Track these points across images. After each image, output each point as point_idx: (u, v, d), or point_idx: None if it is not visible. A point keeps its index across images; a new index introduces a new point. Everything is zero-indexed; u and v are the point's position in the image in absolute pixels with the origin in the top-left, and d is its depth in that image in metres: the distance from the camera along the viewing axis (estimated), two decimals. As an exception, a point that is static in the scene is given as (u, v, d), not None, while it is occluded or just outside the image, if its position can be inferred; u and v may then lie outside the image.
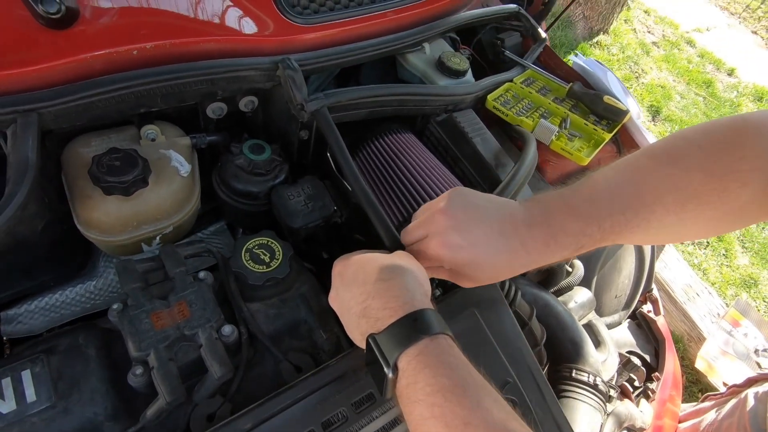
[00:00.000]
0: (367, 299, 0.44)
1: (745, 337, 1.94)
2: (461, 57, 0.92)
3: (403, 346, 0.39)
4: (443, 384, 0.36)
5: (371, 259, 0.48)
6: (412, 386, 0.37)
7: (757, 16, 5.50)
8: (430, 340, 0.39)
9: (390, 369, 0.38)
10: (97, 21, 0.58)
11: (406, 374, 0.38)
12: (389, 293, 0.43)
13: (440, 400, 0.35)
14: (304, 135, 0.77)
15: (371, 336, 0.41)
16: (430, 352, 0.38)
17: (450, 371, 0.37)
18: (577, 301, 0.90)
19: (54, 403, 0.50)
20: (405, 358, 0.38)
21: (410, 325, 0.40)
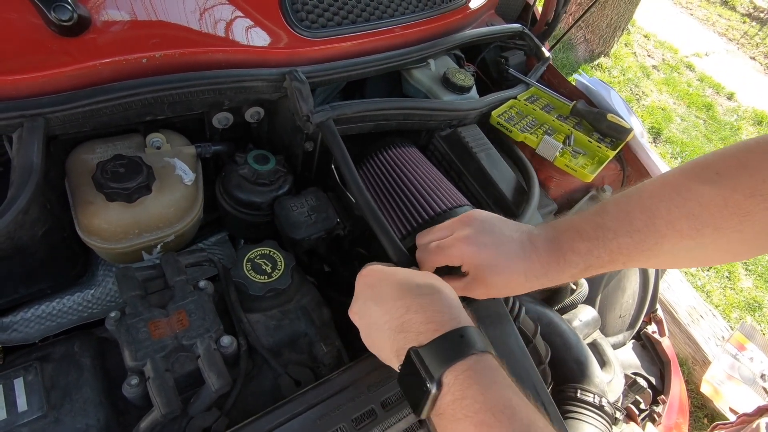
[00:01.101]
0: (407, 313, 0.42)
1: (751, 362, 1.90)
2: (466, 73, 0.93)
3: (450, 361, 0.37)
4: (493, 402, 0.35)
5: (406, 274, 0.47)
6: (458, 402, 0.36)
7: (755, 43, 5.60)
8: (478, 357, 0.38)
9: (434, 384, 0.37)
10: (107, 29, 0.58)
11: (452, 390, 0.36)
12: (432, 308, 0.42)
13: (489, 418, 0.34)
14: (309, 147, 0.77)
15: (414, 350, 0.39)
16: (479, 369, 0.37)
17: (500, 390, 0.36)
18: (582, 319, 0.88)
19: (45, 413, 0.48)
20: (452, 374, 0.37)
21: (457, 341, 0.39)
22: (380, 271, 0.49)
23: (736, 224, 0.43)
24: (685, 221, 0.45)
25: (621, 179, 0.99)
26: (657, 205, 0.47)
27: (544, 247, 0.51)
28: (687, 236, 0.45)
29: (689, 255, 0.47)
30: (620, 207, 0.49)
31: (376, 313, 0.46)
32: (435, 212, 0.69)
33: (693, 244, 0.45)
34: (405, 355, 0.40)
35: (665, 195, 0.47)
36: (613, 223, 0.48)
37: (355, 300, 0.50)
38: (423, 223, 0.68)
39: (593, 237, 0.48)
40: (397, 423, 0.51)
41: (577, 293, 0.92)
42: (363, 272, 0.51)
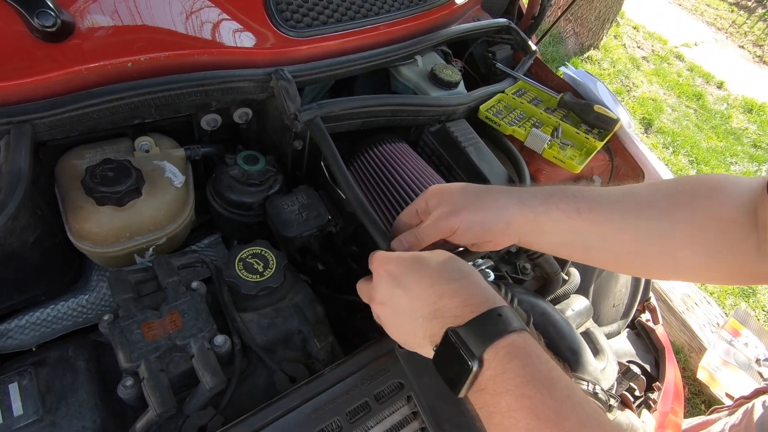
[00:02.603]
0: (441, 300, 0.43)
1: (746, 347, 1.92)
2: (453, 69, 0.94)
3: (490, 339, 0.38)
4: (534, 375, 0.36)
5: (430, 260, 0.47)
6: (499, 377, 0.37)
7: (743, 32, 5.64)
8: (517, 335, 0.39)
9: (476, 361, 0.37)
10: (92, 34, 0.58)
11: (493, 366, 0.37)
12: (467, 291, 0.43)
13: (531, 391, 0.35)
14: (298, 145, 0.77)
15: (452, 330, 0.40)
16: (518, 345, 0.38)
17: (540, 364, 0.37)
18: (575, 309, 0.89)
19: (41, 417, 0.49)
20: (492, 351, 0.38)
21: (495, 320, 0.40)
22: (403, 257, 0.49)
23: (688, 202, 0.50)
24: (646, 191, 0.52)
25: (609, 169, 1.00)
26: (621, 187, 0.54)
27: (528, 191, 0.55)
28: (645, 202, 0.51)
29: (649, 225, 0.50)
30: None
31: (404, 301, 0.46)
32: (425, 207, 0.70)
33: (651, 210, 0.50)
34: (442, 337, 0.41)
35: None
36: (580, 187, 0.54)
37: (377, 289, 0.49)
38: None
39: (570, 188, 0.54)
40: (391, 415, 0.52)
41: (569, 283, 0.93)
42: (380, 260, 0.50)
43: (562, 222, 0.52)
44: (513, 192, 0.54)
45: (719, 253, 0.48)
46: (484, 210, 0.53)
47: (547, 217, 0.52)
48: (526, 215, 0.52)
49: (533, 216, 0.52)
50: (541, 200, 0.52)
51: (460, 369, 0.38)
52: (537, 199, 0.53)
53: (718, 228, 0.47)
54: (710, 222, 0.48)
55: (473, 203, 0.53)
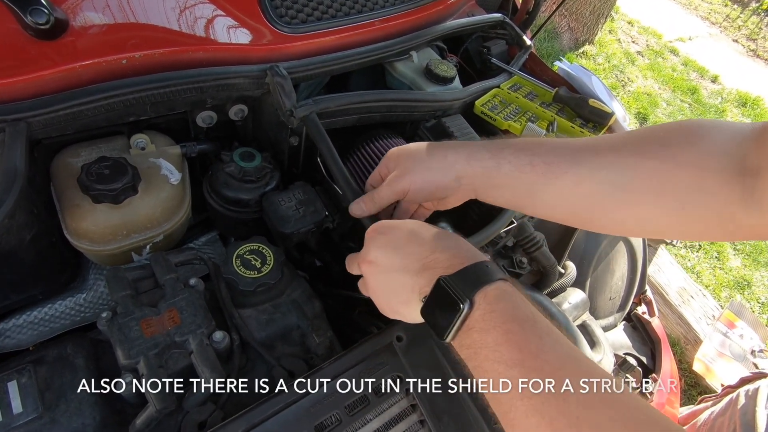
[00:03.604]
0: (433, 254, 0.45)
1: (741, 339, 1.94)
2: (448, 64, 0.94)
3: (481, 284, 0.40)
4: (518, 314, 0.39)
5: (422, 225, 0.49)
6: (488, 315, 0.39)
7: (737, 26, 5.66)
8: (504, 282, 0.42)
9: (467, 303, 0.40)
10: (86, 31, 0.58)
11: (482, 306, 0.40)
12: (456, 247, 0.45)
13: (516, 327, 0.38)
14: (294, 141, 0.77)
15: (443, 277, 0.42)
16: (505, 290, 0.41)
17: (524, 305, 0.40)
18: (571, 302, 0.90)
19: (41, 414, 0.49)
20: (482, 293, 0.40)
21: (484, 270, 0.42)
22: (393, 223, 0.51)
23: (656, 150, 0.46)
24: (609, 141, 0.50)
25: (605, 163, 1.01)
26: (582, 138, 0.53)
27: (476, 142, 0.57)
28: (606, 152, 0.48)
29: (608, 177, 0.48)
30: None
31: (395, 258, 0.47)
32: (421, 202, 0.70)
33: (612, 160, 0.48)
34: (433, 285, 0.42)
35: None
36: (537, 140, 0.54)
37: (368, 248, 0.50)
38: (410, 212, 0.69)
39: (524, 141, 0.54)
40: (389, 408, 0.52)
41: (565, 277, 0.93)
42: (374, 226, 0.52)
43: (514, 176, 0.51)
44: (463, 147, 0.54)
45: (690, 206, 0.45)
46: (433, 169, 0.54)
47: (497, 172, 0.52)
48: (474, 170, 0.53)
49: (482, 170, 0.52)
50: (491, 154, 0.52)
51: (451, 312, 0.40)
52: (487, 152, 0.52)
53: (689, 178, 0.44)
54: (680, 171, 0.44)
55: (423, 163, 0.55)
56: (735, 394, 1.20)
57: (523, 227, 0.87)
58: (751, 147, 0.43)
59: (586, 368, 0.36)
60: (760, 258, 2.74)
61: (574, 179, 0.49)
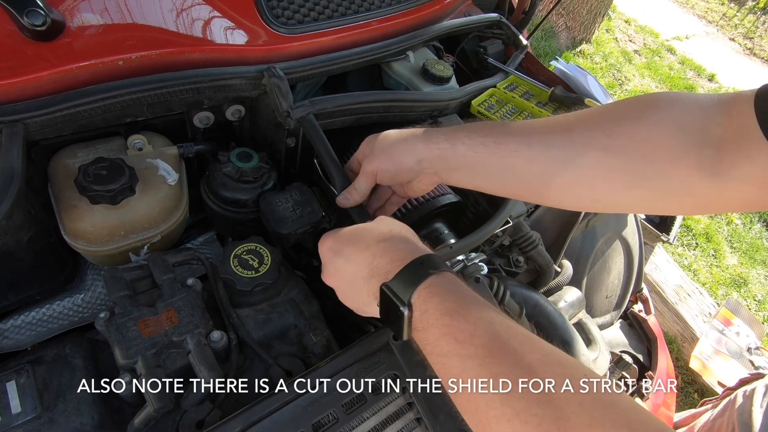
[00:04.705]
0: (374, 259, 0.46)
1: (738, 336, 1.95)
2: (445, 64, 0.94)
3: (414, 284, 0.42)
4: (449, 307, 0.40)
5: (363, 229, 0.51)
6: (424, 314, 0.41)
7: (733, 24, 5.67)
8: (437, 275, 0.42)
9: (405, 306, 0.41)
10: (82, 33, 0.58)
11: (418, 306, 0.41)
12: (394, 248, 0.46)
13: (448, 320, 0.39)
14: (291, 142, 0.77)
15: (384, 285, 0.43)
16: (437, 284, 0.42)
17: (455, 296, 0.41)
18: (567, 300, 0.90)
19: (39, 414, 0.49)
20: (416, 294, 0.41)
21: (418, 268, 0.43)
22: (340, 233, 0.52)
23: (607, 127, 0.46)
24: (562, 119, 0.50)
25: (601, 162, 1.01)
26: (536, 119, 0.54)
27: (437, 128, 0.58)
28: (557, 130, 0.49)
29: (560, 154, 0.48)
30: None
31: (346, 268, 0.49)
32: (418, 201, 0.70)
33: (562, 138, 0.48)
34: (380, 293, 0.44)
35: None
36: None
37: (325, 264, 0.53)
38: (406, 212, 0.69)
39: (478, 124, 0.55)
40: (386, 406, 0.53)
41: (561, 275, 0.94)
42: (323, 240, 0.54)
43: (469, 157, 0.52)
44: (424, 133, 0.56)
45: (641, 182, 0.45)
46: (396, 153, 0.57)
47: (452, 153, 0.53)
48: (432, 153, 0.55)
49: (439, 152, 0.54)
50: (446, 137, 0.54)
51: (397, 316, 0.42)
52: (443, 135, 0.55)
53: (639, 154, 0.44)
54: (630, 147, 0.44)
55: (388, 148, 0.58)
56: (733, 396, 1.21)
57: (519, 226, 0.88)
58: (714, 118, 0.43)
59: (519, 344, 0.36)
60: (757, 256, 2.76)
61: (526, 157, 0.50)
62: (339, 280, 0.52)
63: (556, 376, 0.33)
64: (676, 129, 0.43)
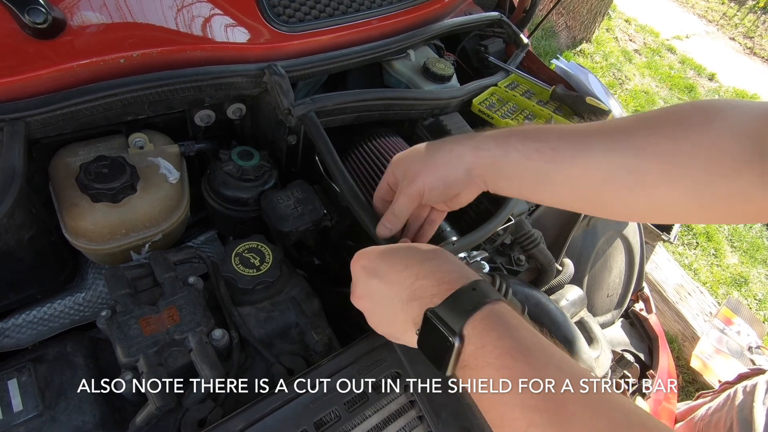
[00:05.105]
0: (417, 281, 0.43)
1: (738, 335, 1.95)
2: (446, 62, 0.94)
3: (468, 313, 0.38)
4: (510, 345, 0.36)
5: (402, 248, 0.48)
6: (479, 350, 0.37)
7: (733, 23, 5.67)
8: (492, 305, 0.39)
9: (456, 337, 0.38)
10: (83, 31, 0.58)
11: (473, 340, 0.37)
12: (441, 270, 0.43)
13: (509, 361, 0.35)
14: (292, 140, 0.77)
15: (431, 310, 0.40)
16: (494, 315, 0.38)
17: (516, 332, 0.37)
18: (569, 299, 0.90)
19: (41, 412, 0.49)
20: (470, 325, 0.38)
21: (470, 294, 0.40)
22: (376, 250, 0.49)
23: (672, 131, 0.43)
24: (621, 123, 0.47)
25: (602, 161, 1.01)
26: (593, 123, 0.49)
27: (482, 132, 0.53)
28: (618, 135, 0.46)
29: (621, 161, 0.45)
30: None
31: (381, 289, 0.46)
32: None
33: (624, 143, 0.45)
34: (423, 319, 0.41)
35: None
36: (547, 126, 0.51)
37: (356, 284, 0.49)
38: (408, 210, 0.69)
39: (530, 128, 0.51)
40: (388, 404, 0.53)
41: (563, 274, 0.94)
42: (356, 257, 0.50)
43: (522, 164, 0.49)
44: (468, 138, 0.52)
45: (708, 188, 0.42)
46: (441, 165, 0.52)
47: (505, 161, 0.49)
48: (483, 160, 0.50)
49: (490, 160, 0.50)
50: (498, 143, 0.50)
51: (443, 347, 0.39)
52: (493, 141, 0.50)
53: (707, 159, 0.41)
54: (697, 153, 0.42)
55: (430, 162, 0.53)
56: (733, 390, 1.21)
57: (520, 225, 0.88)
58: (766, 126, 0.41)
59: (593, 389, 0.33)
60: (757, 255, 2.76)
61: (585, 165, 0.46)
62: (371, 302, 0.48)
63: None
64: (739, 137, 0.41)
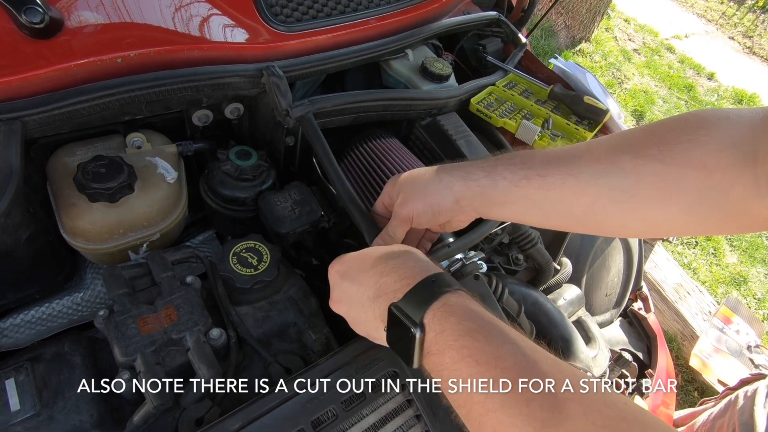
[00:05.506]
0: (381, 278, 0.44)
1: (737, 334, 1.95)
2: (444, 62, 0.94)
3: (426, 304, 0.39)
4: (469, 327, 0.37)
5: (371, 250, 0.49)
6: (440, 335, 0.38)
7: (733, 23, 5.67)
8: (451, 294, 0.40)
9: (417, 328, 0.39)
10: (80, 30, 0.58)
11: (433, 327, 0.39)
12: (403, 266, 0.44)
13: (468, 341, 0.36)
14: (290, 141, 0.77)
15: (393, 305, 0.41)
16: (453, 303, 0.39)
17: (474, 315, 0.38)
18: (566, 298, 0.90)
19: (38, 412, 0.49)
20: (430, 314, 0.39)
21: (430, 286, 0.41)
22: (348, 255, 0.51)
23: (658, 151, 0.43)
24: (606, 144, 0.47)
25: (600, 160, 1.01)
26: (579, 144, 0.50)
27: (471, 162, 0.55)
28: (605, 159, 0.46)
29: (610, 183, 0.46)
30: None
31: (352, 290, 0.47)
32: (417, 199, 0.70)
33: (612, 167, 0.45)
34: (387, 314, 0.42)
35: None
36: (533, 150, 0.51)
37: (332, 290, 0.51)
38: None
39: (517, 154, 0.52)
40: (386, 403, 0.53)
41: (561, 273, 0.94)
42: (333, 264, 0.52)
43: (511, 192, 0.50)
44: (458, 169, 0.53)
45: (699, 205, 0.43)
46: (431, 193, 0.54)
47: (493, 189, 0.51)
48: (471, 190, 0.52)
49: (479, 189, 0.51)
50: (486, 172, 0.51)
51: (407, 339, 0.39)
52: (481, 171, 0.52)
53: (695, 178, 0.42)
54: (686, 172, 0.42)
55: (422, 189, 0.54)
56: (734, 396, 1.21)
57: (518, 224, 0.88)
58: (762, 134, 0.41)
59: (549, 368, 0.34)
60: (756, 254, 2.76)
61: (573, 189, 0.47)
62: (347, 305, 0.49)
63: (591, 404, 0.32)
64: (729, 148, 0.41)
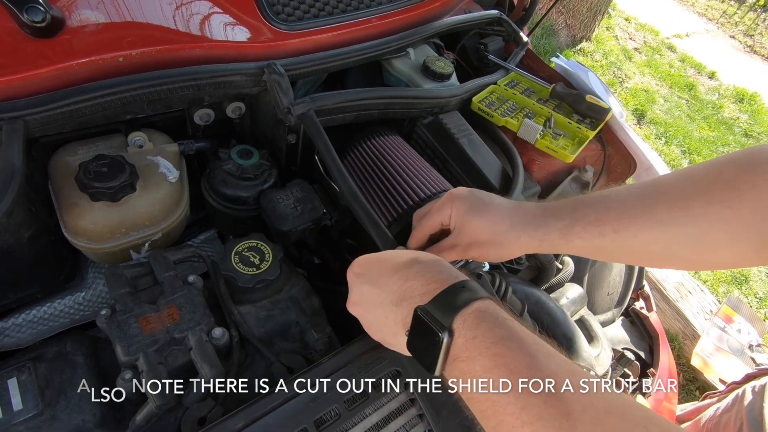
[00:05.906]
0: (406, 282, 0.44)
1: (739, 333, 1.95)
2: (445, 61, 0.94)
3: (457, 309, 0.39)
4: (502, 335, 0.37)
5: (393, 254, 0.49)
6: (470, 341, 0.37)
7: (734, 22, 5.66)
8: (482, 301, 0.40)
9: (446, 332, 0.38)
10: (82, 29, 0.58)
11: (463, 333, 0.38)
12: (430, 271, 0.44)
13: (502, 349, 0.36)
14: (292, 139, 0.77)
15: (420, 308, 0.40)
16: (484, 310, 0.39)
17: (507, 323, 0.38)
18: (569, 297, 0.90)
19: (41, 411, 0.49)
20: (460, 319, 0.38)
21: (459, 292, 0.40)
22: (368, 257, 0.51)
23: (727, 197, 0.45)
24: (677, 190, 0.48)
25: (602, 159, 1.01)
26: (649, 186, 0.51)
27: (530, 203, 0.55)
28: (677, 207, 0.47)
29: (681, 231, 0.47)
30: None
31: (373, 293, 0.47)
32: (419, 198, 0.70)
33: (683, 215, 0.46)
34: (412, 317, 0.41)
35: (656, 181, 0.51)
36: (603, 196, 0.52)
37: (351, 291, 0.51)
38: (408, 209, 0.69)
39: (581, 199, 0.53)
40: (388, 403, 0.52)
41: (563, 272, 0.94)
42: (352, 266, 0.52)
43: (585, 248, 0.52)
44: (533, 226, 0.53)
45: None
46: (504, 246, 0.54)
47: (567, 248, 0.53)
48: (544, 248, 0.54)
49: (552, 248, 0.53)
50: (562, 234, 0.52)
51: (433, 344, 0.39)
52: (557, 233, 0.52)
53: (764, 218, 0.43)
54: (756, 215, 0.44)
55: (494, 236, 0.54)
56: (741, 391, 1.21)
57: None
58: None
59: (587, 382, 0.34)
60: (758, 253, 2.75)
61: (647, 240, 0.49)
62: (364, 308, 0.49)
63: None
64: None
